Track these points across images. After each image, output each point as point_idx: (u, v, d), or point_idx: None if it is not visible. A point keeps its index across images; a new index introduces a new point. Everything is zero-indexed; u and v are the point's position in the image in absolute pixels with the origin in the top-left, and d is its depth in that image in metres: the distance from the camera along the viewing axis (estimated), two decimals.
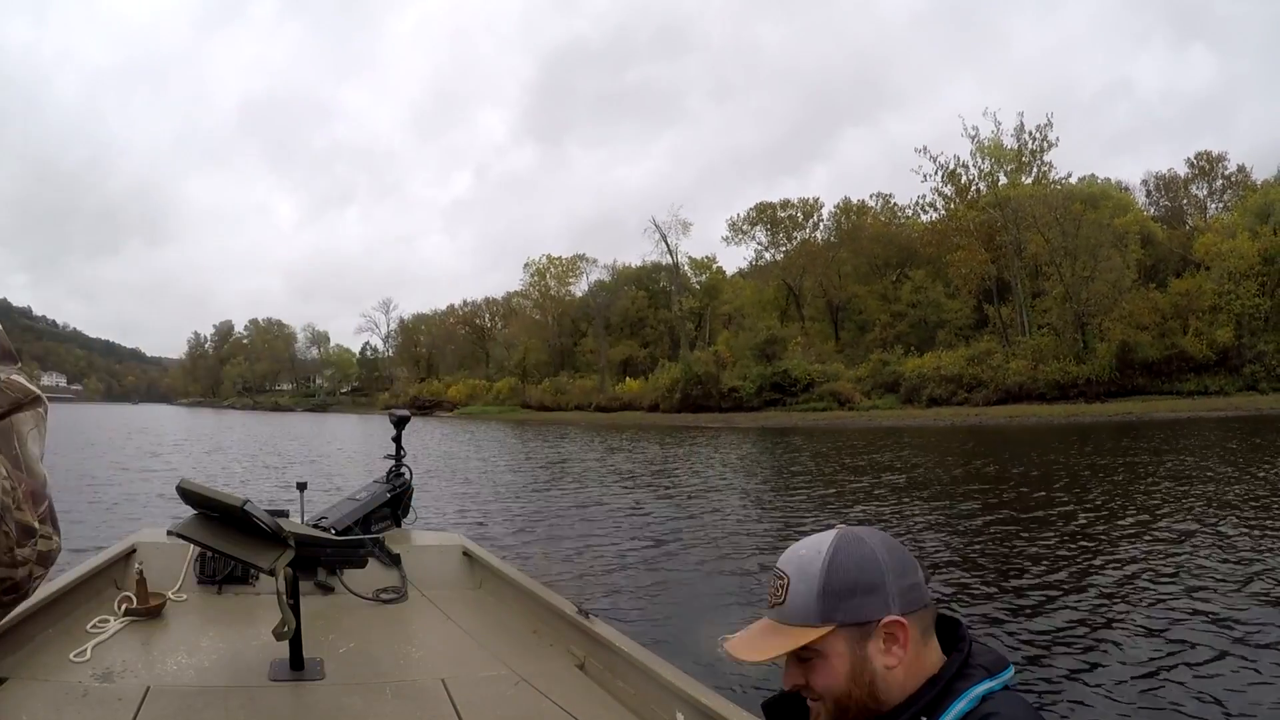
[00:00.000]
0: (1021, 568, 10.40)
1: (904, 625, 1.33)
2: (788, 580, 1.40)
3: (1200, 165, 76.75)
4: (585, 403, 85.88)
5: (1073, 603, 8.64)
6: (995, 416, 53.16)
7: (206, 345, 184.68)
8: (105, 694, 2.95)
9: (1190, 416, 45.93)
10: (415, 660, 3.71)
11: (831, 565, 1.36)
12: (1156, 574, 9.72)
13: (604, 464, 27.96)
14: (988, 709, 1.28)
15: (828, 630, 1.35)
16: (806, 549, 1.41)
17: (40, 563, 1.65)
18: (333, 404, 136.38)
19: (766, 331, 74.09)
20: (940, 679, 1.34)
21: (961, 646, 1.38)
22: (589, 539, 13.14)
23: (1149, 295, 58.01)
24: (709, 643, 1.56)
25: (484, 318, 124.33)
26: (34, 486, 1.55)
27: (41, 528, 1.60)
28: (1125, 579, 9.59)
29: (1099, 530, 12.75)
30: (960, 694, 1.30)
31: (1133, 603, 8.55)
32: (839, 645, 1.35)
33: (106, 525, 13.40)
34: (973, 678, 1.32)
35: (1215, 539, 11.62)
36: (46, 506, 1.64)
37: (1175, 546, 11.25)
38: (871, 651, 1.34)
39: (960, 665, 1.34)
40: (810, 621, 1.36)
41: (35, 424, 1.63)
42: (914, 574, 1.38)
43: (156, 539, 4.54)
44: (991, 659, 1.36)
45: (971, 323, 70.99)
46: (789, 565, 1.42)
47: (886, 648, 1.34)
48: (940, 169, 69.90)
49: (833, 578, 1.36)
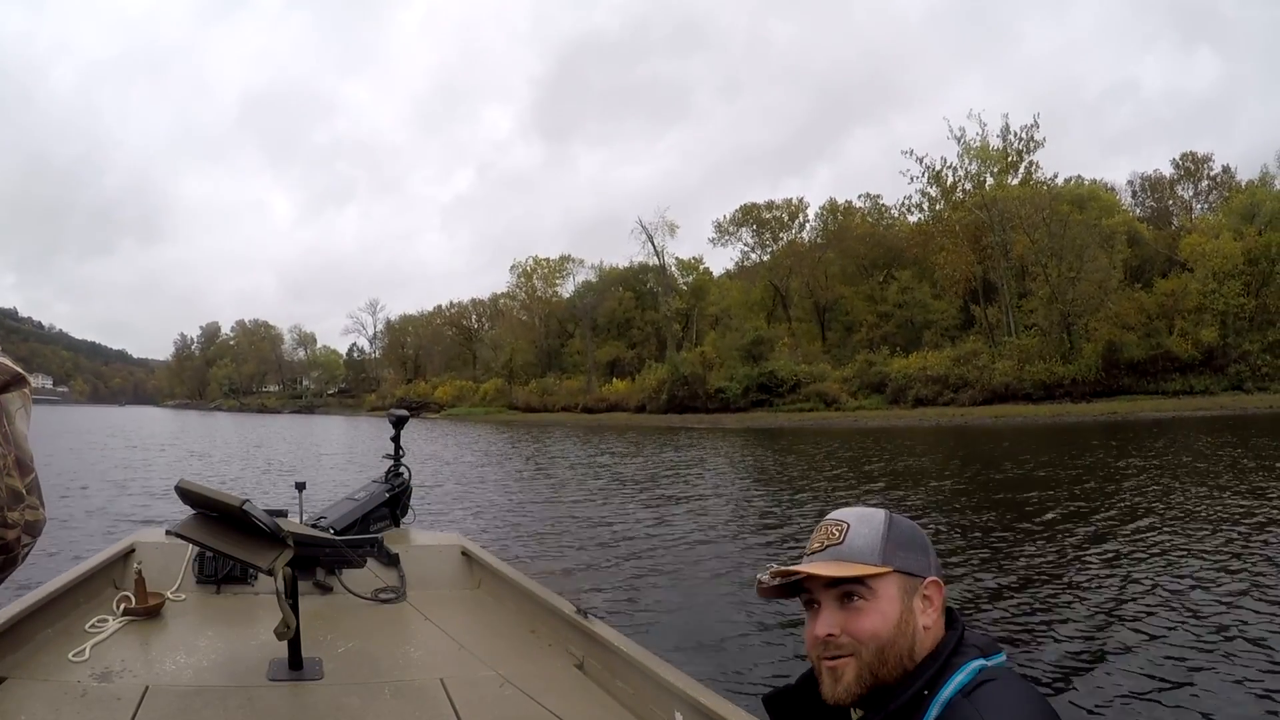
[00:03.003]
0: (1007, 565, 10.44)
1: (940, 588, 1.48)
2: (847, 525, 1.51)
3: (1186, 166, 77.29)
4: (572, 404, 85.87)
5: (1060, 600, 8.69)
6: (981, 417, 53.29)
7: (193, 347, 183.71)
8: (104, 694, 2.95)
9: (1175, 416, 46.14)
10: (414, 660, 3.71)
11: (893, 520, 1.51)
12: (1142, 570, 9.78)
13: (594, 464, 27.93)
14: (985, 677, 1.36)
15: (887, 570, 1.45)
16: (860, 509, 1.54)
17: (28, 531, 1.74)
18: (319, 405, 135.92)
19: (753, 332, 74.11)
20: (939, 655, 1.41)
21: (955, 627, 1.47)
22: (585, 539, 13.14)
23: (1135, 295, 58.32)
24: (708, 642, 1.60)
25: (471, 319, 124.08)
26: (20, 457, 1.66)
27: (29, 498, 1.69)
28: (1111, 575, 9.65)
29: (1084, 528, 12.81)
30: (958, 668, 1.37)
31: (1119, 598, 8.60)
32: (892, 589, 1.44)
33: (106, 525, 13.37)
34: (967, 655, 1.40)
35: (1198, 535, 11.70)
36: (33, 479, 1.73)
37: (1159, 543, 11.30)
38: (916, 605, 1.45)
39: (956, 643, 1.43)
40: (872, 561, 1.45)
41: (22, 403, 1.74)
42: (937, 559, 1.53)
43: (155, 539, 4.53)
44: (985, 642, 1.44)
45: (958, 323, 71.14)
46: (848, 515, 1.53)
47: (924, 607, 1.45)
48: (926, 170, 70.18)
49: (895, 529, 1.50)
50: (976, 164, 67.18)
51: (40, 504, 1.78)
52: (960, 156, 67.96)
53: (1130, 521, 13.20)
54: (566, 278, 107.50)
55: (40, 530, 1.81)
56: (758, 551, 11.88)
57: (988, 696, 1.30)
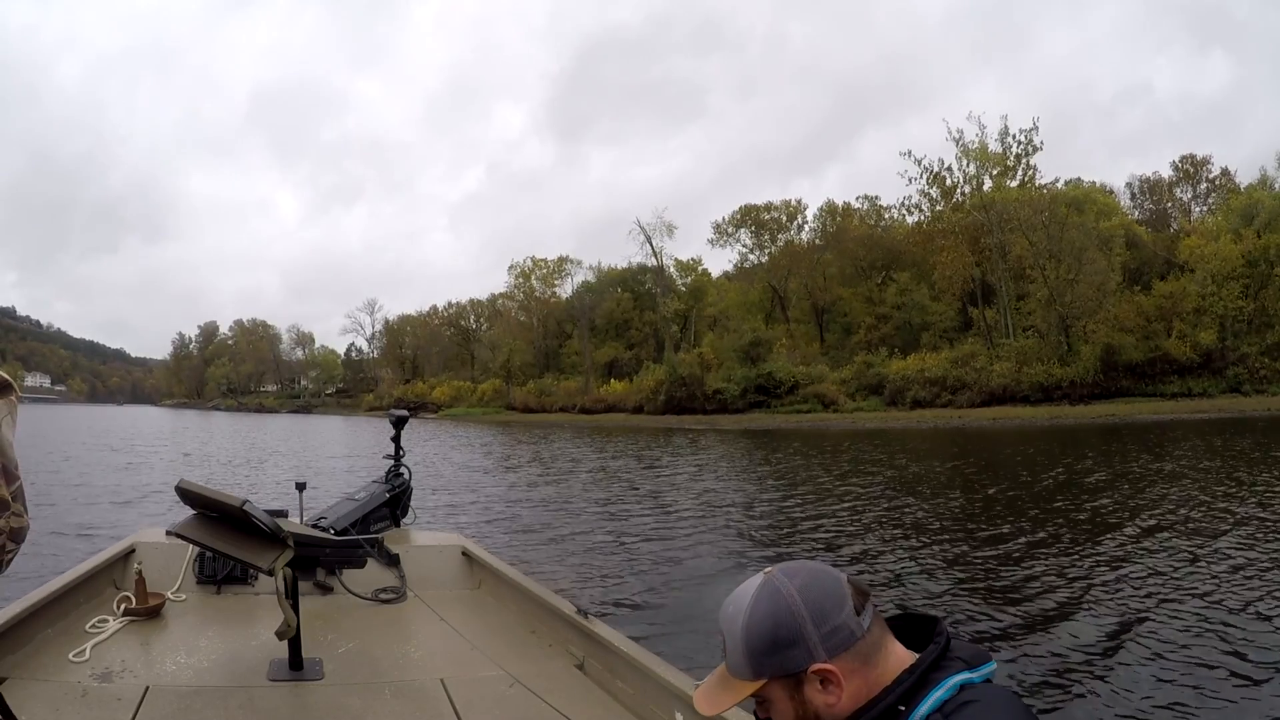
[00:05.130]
0: (1002, 569, 10.45)
1: (831, 671, 1.36)
2: (724, 636, 1.46)
3: (1185, 169, 77.35)
4: (570, 404, 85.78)
5: (1053, 602, 8.69)
6: (979, 419, 53.32)
7: (191, 346, 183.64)
8: (104, 694, 2.95)
9: (1174, 419, 46.16)
10: (414, 660, 3.72)
11: (749, 626, 1.40)
12: (1140, 572, 9.79)
13: (592, 465, 27.91)
14: (967, 697, 1.29)
15: (761, 684, 1.40)
16: (734, 605, 1.45)
17: (12, 538, 1.76)
18: (317, 405, 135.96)
19: (751, 334, 73.95)
20: (916, 669, 1.35)
21: (938, 640, 1.39)
22: (584, 539, 13.14)
23: (1133, 298, 58.37)
24: (708, 642, 1.61)
25: (469, 319, 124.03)
26: (5, 464, 1.70)
27: (13, 505, 1.70)
28: (1112, 578, 9.65)
29: (1084, 529, 12.82)
30: (937, 683, 1.32)
31: (1120, 603, 8.60)
32: (778, 693, 1.40)
33: (106, 525, 13.35)
34: (949, 669, 1.34)
35: (1197, 537, 11.70)
36: (18, 486, 1.75)
37: (1158, 547, 11.31)
38: (809, 694, 1.38)
39: (937, 657, 1.36)
40: (746, 677, 1.42)
41: (8, 411, 1.78)
42: (837, 615, 1.38)
43: (155, 539, 4.53)
44: (971, 653, 1.38)
45: (956, 325, 71.19)
46: (723, 623, 1.47)
47: (823, 689, 1.37)
48: (925, 171, 70.16)
49: (752, 638, 1.40)
50: (975, 166, 67.20)
51: (24, 511, 1.79)
52: (958, 159, 68.04)
53: (1131, 523, 13.20)
54: (565, 278, 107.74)
55: (24, 537, 1.82)
56: (757, 551, 11.91)
57: (968, 719, 1.26)
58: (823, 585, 1.41)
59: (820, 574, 1.43)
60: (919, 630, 1.46)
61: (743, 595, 1.44)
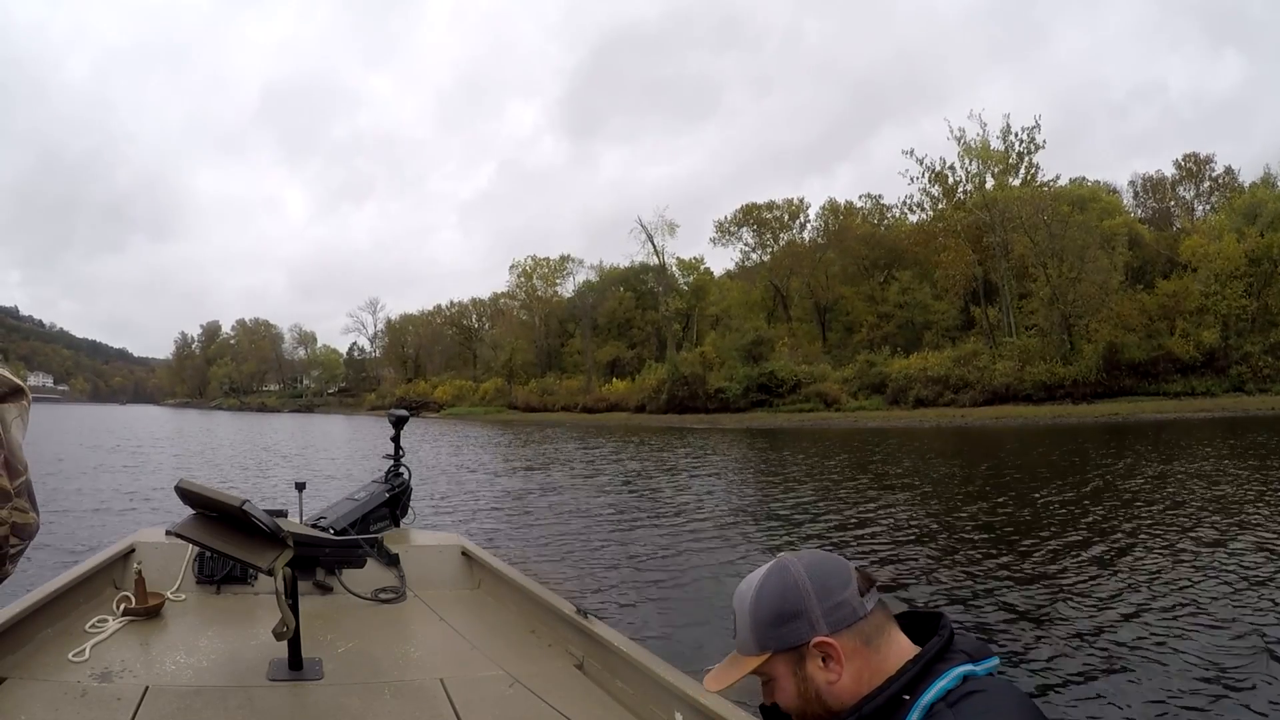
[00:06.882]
0: (1004, 569, 10.45)
1: (832, 645, 1.41)
2: (735, 616, 1.53)
3: (1188, 167, 77.22)
4: (572, 403, 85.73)
5: (1059, 604, 8.69)
6: (981, 418, 53.26)
7: (193, 345, 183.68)
8: (104, 694, 2.95)
9: (1176, 418, 46.13)
10: (414, 660, 3.71)
11: (757, 599, 1.48)
12: (1146, 574, 9.79)
13: (593, 464, 27.94)
14: (971, 687, 1.32)
15: (765, 657, 1.47)
16: (746, 585, 1.53)
17: (16, 534, 1.76)
18: (319, 405, 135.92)
19: (753, 332, 73.98)
20: (920, 659, 1.38)
21: (942, 633, 1.42)
22: (585, 539, 13.16)
23: (1136, 296, 58.24)
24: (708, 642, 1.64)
25: (471, 318, 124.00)
26: (11, 460, 1.72)
27: (17, 500, 1.71)
28: (1113, 580, 9.65)
29: (1085, 531, 12.82)
30: (941, 674, 1.34)
31: (1121, 603, 8.60)
32: (781, 668, 1.46)
33: (106, 525, 13.36)
34: (953, 660, 1.37)
35: (1203, 540, 11.70)
36: (23, 482, 1.75)
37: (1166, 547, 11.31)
38: (811, 670, 1.43)
39: (941, 648, 1.39)
40: (751, 651, 1.49)
41: (19, 413, 1.81)
42: (841, 592, 1.44)
43: (155, 539, 4.52)
44: (974, 646, 1.41)
45: (958, 324, 71.12)
46: (735, 602, 1.54)
47: (825, 665, 1.42)
48: (926, 170, 70.13)
49: (759, 611, 1.47)
50: (977, 164, 67.10)
51: (30, 508, 1.80)
52: (960, 157, 67.97)
53: (1132, 525, 13.20)
54: (566, 277, 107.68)
55: (31, 534, 1.83)
56: (757, 551, 11.92)
57: (973, 707, 1.28)
58: (829, 565, 1.48)
59: (828, 557, 1.51)
60: (923, 628, 1.49)
61: (755, 576, 1.52)
